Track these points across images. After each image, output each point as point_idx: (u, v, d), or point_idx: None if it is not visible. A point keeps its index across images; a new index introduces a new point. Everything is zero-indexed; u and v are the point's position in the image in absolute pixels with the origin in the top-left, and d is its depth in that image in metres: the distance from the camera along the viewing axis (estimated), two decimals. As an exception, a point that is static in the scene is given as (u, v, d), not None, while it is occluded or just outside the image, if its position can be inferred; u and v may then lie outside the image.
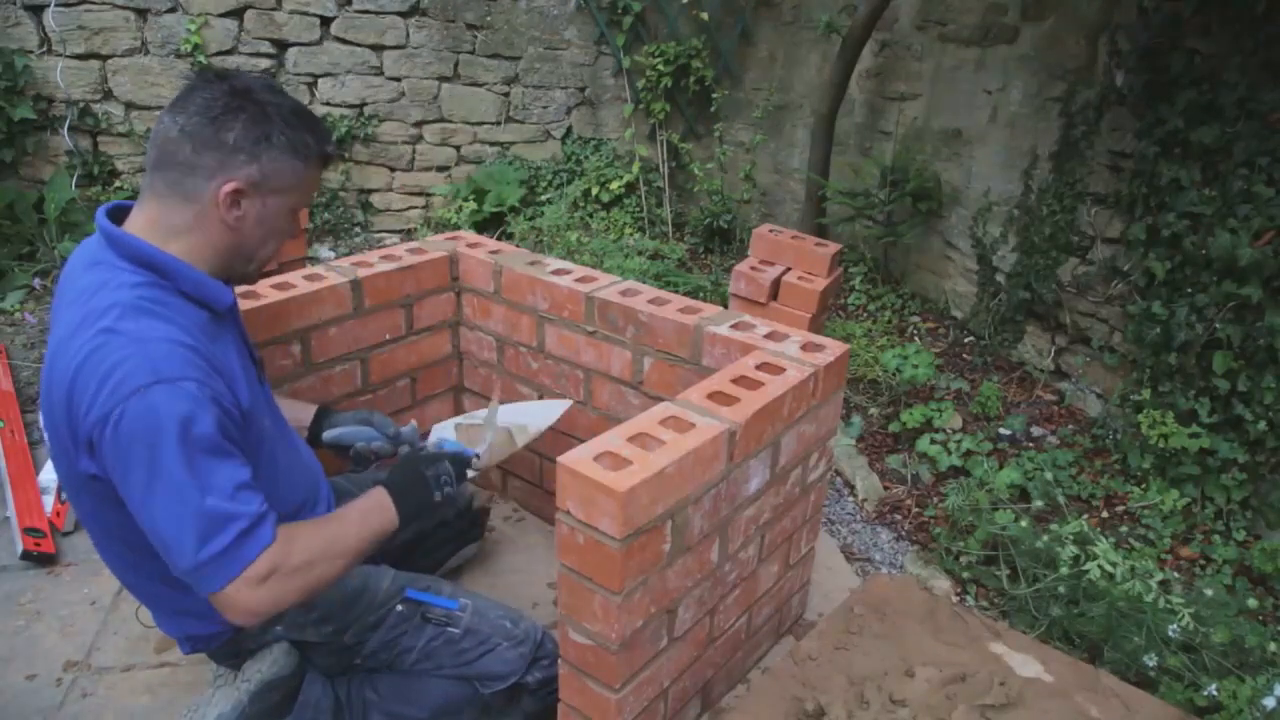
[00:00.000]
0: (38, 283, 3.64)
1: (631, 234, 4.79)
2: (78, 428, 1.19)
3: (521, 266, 2.09)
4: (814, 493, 1.87)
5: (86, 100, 4.06)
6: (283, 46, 4.35)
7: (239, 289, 1.51)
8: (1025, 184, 3.56)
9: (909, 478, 2.89)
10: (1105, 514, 2.74)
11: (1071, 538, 2.32)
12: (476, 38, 4.72)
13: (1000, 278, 3.69)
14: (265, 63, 4.32)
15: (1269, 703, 1.77)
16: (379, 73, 4.57)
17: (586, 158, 5.13)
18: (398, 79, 4.63)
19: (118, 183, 4.21)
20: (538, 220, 4.70)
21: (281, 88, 1.36)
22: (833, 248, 2.97)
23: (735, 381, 1.56)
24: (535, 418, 1.79)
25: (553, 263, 2.12)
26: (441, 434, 1.73)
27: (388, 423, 1.75)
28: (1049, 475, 2.79)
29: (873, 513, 2.73)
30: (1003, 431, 3.11)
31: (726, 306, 2.97)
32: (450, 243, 2.24)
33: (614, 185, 4.94)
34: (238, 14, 4.19)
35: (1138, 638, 1.99)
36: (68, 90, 3.98)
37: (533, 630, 1.63)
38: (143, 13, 4.03)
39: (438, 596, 1.60)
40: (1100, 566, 2.22)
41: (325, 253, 4.45)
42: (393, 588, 1.58)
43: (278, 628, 1.48)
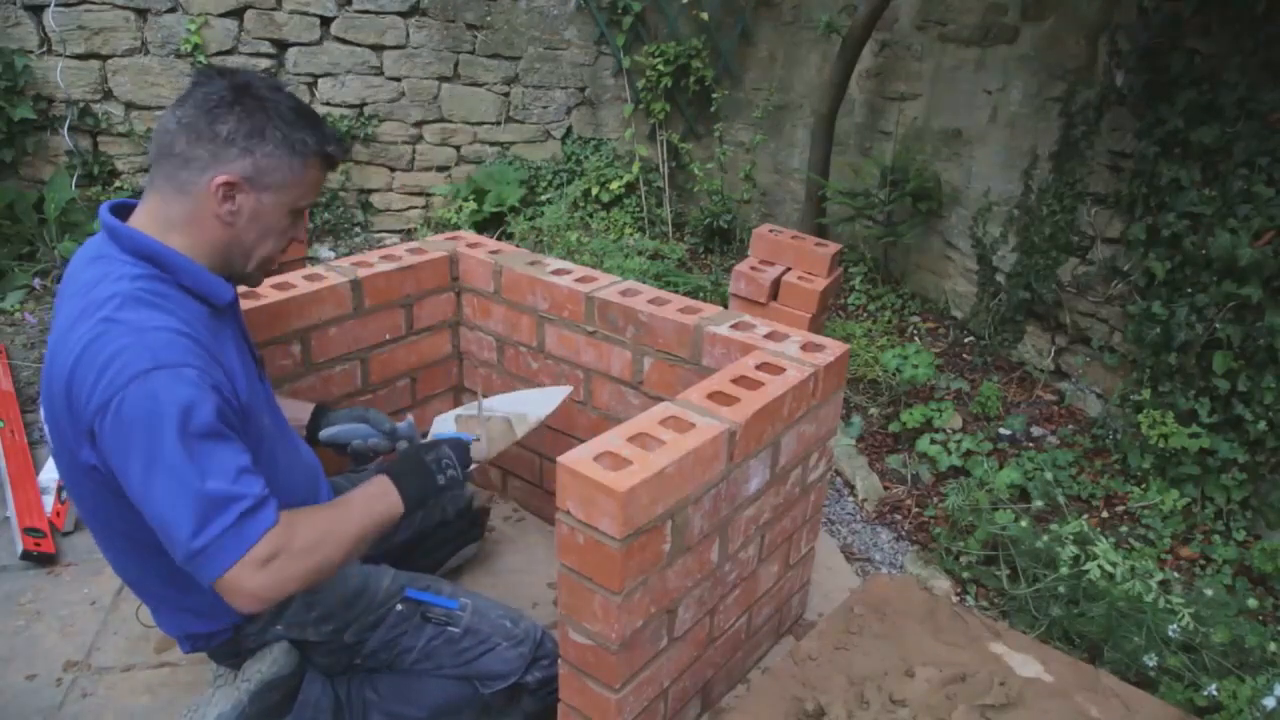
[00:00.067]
0: (38, 283, 3.64)
1: (631, 234, 4.79)
2: (78, 417, 1.18)
3: (521, 266, 2.09)
4: (814, 493, 1.87)
5: (86, 100, 4.05)
6: (283, 46, 4.35)
7: (240, 289, 1.51)
8: (1025, 184, 3.56)
9: (909, 478, 2.89)
10: (1105, 514, 2.74)
11: (1071, 538, 2.32)
12: (476, 38, 4.72)
13: (1000, 278, 3.69)
14: (265, 63, 4.33)
15: (1269, 703, 1.77)
16: (379, 73, 4.57)
17: (586, 158, 5.13)
18: (398, 79, 4.63)
19: (118, 183, 4.21)
20: (538, 220, 4.70)
21: (286, 87, 1.36)
22: (833, 248, 2.98)
23: (735, 381, 1.56)
24: (535, 406, 1.78)
25: (553, 263, 2.12)
26: (442, 427, 1.74)
27: (383, 419, 1.74)
28: (1049, 475, 2.79)
29: (873, 513, 2.73)
30: (1003, 431, 3.11)
31: (726, 306, 2.97)
32: (450, 243, 2.25)
33: (614, 185, 4.94)
34: (238, 14, 4.19)
35: (1138, 638, 1.99)
36: (68, 90, 3.97)
37: (533, 630, 1.63)
38: (143, 13, 4.03)
39: (438, 596, 1.60)
40: (1100, 566, 2.22)
41: (325, 253, 4.45)
42: (393, 587, 1.58)
43: (278, 627, 1.48)
